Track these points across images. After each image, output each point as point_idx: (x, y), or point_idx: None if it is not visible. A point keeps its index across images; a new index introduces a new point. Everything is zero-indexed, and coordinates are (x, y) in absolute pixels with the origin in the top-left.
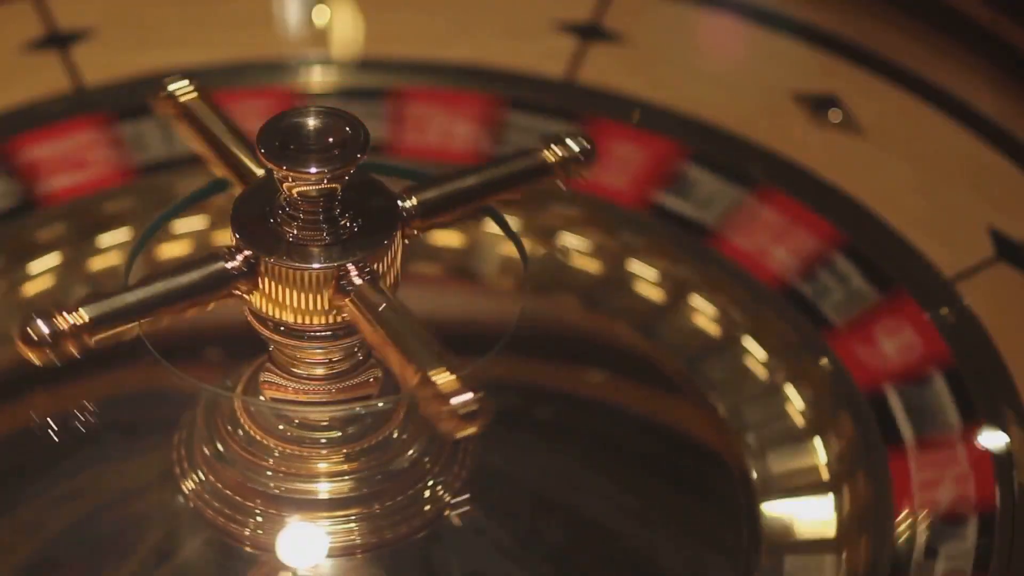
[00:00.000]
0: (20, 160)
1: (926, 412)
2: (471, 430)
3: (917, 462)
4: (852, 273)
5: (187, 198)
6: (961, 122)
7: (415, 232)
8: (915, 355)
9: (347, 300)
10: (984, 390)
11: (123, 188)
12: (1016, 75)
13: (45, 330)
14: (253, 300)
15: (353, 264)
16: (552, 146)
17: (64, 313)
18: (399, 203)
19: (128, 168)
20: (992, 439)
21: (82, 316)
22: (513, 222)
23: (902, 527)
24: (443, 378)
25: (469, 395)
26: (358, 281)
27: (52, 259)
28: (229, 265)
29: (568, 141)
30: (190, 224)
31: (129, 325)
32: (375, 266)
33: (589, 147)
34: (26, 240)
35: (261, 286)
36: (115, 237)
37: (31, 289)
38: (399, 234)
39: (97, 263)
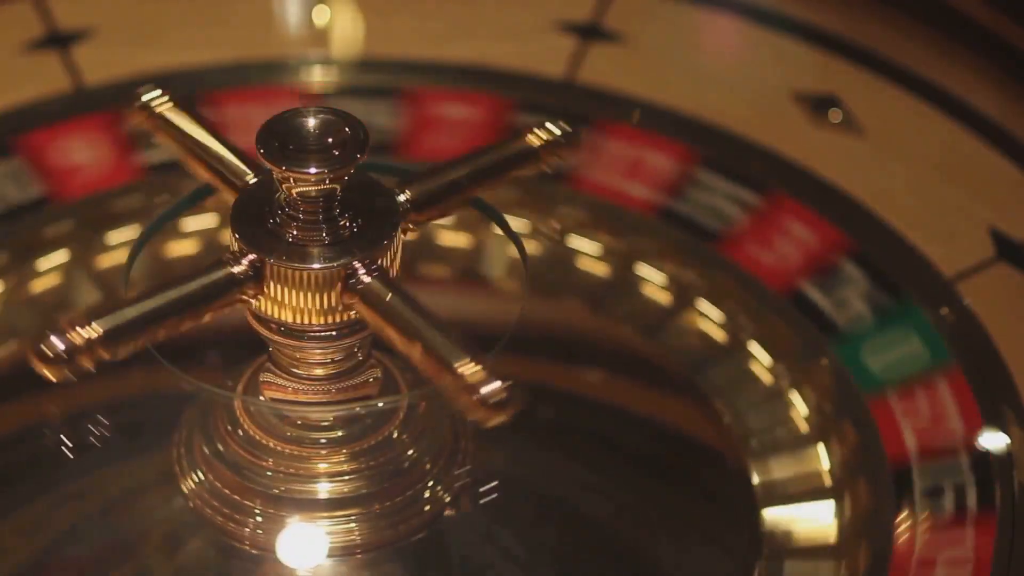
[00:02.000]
0: (29, 157)
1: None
2: (502, 418)
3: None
4: (859, 279)
5: (185, 199)
6: (961, 122)
7: (411, 226)
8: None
9: (356, 298)
10: (984, 390)
11: (132, 185)
12: (1016, 75)
13: (60, 346)
14: (260, 304)
15: (359, 262)
16: (536, 130)
17: (78, 328)
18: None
19: (137, 166)
20: (992, 439)
21: (96, 330)
22: (521, 225)
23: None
24: (470, 369)
25: (498, 384)
26: (367, 279)
27: (60, 256)
28: (235, 270)
29: (549, 126)
30: (199, 223)
31: (144, 336)
32: (381, 262)
33: (571, 131)
34: (34, 237)
35: (267, 290)
36: (123, 235)
37: (38, 286)
38: (400, 231)
39: (105, 261)
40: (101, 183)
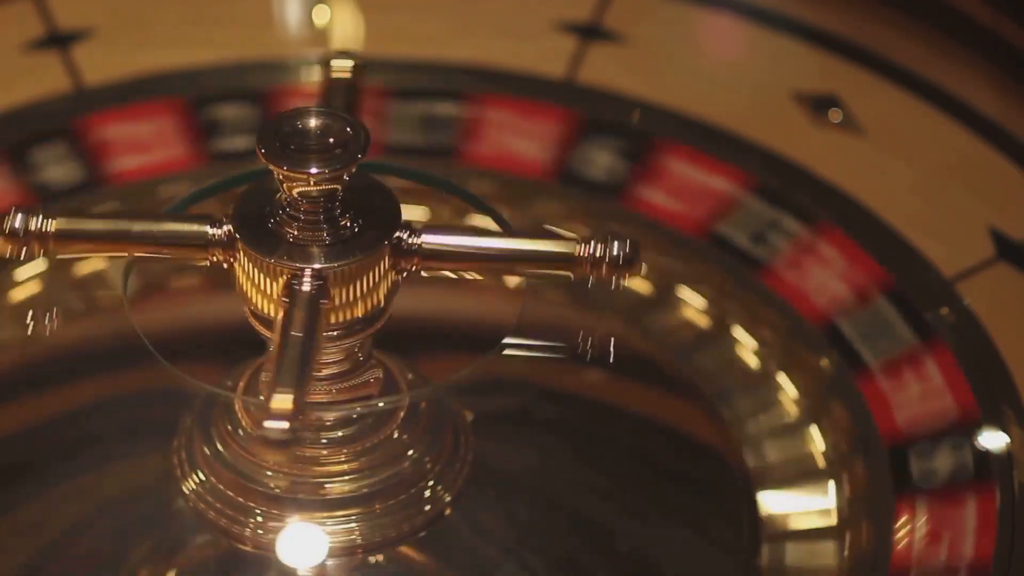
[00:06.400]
0: (89, 140)
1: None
2: (277, 457)
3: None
4: (891, 315)
5: (186, 198)
6: (961, 122)
7: (412, 267)
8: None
9: (288, 298)
10: (984, 390)
11: (188, 172)
12: (1016, 75)
13: (17, 224)
14: (233, 272)
15: (311, 270)
16: (592, 240)
17: (40, 215)
18: (401, 235)
19: (201, 153)
20: (992, 439)
21: (49, 225)
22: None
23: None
24: (278, 399)
25: (282, 424)
26: (306, 287)
27: None
28: (211, 231)
29: (616, 242)
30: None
31: (95, 247)
32: (333, 282)
33: (630, 253)
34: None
35: (236, 260)
36: None
37: (83, 269)
38: (384, 262)
39: None
40: (155, 169)
